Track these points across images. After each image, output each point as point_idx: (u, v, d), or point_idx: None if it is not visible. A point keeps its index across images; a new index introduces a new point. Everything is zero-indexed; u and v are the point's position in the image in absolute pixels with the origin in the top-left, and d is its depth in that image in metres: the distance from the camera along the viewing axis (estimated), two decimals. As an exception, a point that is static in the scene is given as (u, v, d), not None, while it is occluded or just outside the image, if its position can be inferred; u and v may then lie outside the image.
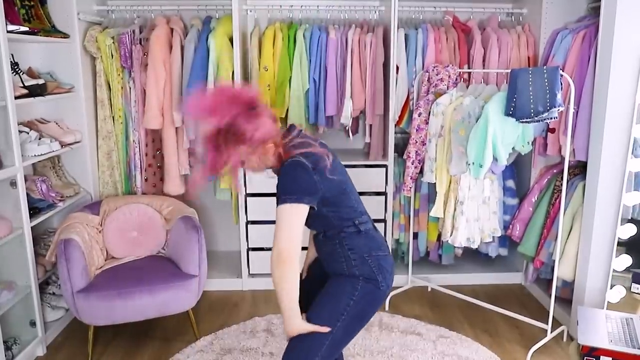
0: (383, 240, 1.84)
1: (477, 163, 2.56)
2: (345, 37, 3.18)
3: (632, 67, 2.42)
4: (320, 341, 1.65)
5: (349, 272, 1.73)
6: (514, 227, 3.10)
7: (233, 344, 2.73)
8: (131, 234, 2.91)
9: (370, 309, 1.75)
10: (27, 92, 2.55)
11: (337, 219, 1.74)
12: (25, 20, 2.65)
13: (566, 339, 2.78)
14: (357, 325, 1.74)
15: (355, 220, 1.76)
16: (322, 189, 1.65)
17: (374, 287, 1.72)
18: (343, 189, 1.75)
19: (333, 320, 1.67)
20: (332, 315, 1.67)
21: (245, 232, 3.31)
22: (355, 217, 1.77)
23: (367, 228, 1.78)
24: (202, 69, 3.06)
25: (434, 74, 3.00)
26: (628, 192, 2.51)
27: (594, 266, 2.60)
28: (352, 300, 1.69)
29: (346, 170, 1.84)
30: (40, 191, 2.72)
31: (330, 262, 1.81)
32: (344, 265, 1.74)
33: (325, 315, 1.68)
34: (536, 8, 3.22)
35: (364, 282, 1.71)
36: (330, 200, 1.70)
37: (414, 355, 2.61)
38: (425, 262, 3.53)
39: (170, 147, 3.21)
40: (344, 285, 1.72)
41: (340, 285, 1.73)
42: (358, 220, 1.76)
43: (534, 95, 2.40)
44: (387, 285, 1.75)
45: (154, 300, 2.53)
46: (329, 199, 1.69)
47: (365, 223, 1.78)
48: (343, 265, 1.74)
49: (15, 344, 2.44)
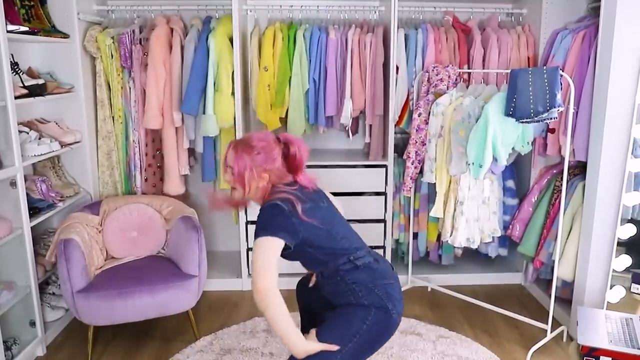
0: (387, 269, 1.86)
1: (477, 163, 2.56)
2: (345, 37, 3.18)
3: (632, 67, 2.42)
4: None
5: (357, 302, 1.74)
6: (513, 227, 3.10)
7: (233, 344, 2.73)
8: (131, 234, 2.91)
9: (382, 337, 1.77)
10: (27, 92, 2.55)
11: (327, 258, 1.78)
12: (25, 20, 2.65)
13: (566, 339, 2.78)
14: (368, 350, 1.75)
15: (350, 256, 1.79)
16: (302, 230, 1.73)
17: (385, 315, 1.73)
18: (327, 231, 1.79)
19: (344, 342, 1.68)
20: (343, 337, 1.69)
21: (245, 232, 3.31)
22: (350, 254, 1.79)
23: (366, 262, 1.80)
24: (202, 69, 3.06)
25: (434, 74, 3.00)
26: (628, 192, 2.51)
27: (594, 266, 2.60)
28: (365, 324, 1.70)
29: (338, 215, 1.92)
30: (40, 191, 2.72)
31: (336, 298, 1.82)
32: (351, 298, 1.76)
33: (336, 336, 1.69)
34: (536, 8, 3.22)
35: (376, 310, 1.72)
36: (314, 242, 1.76)
37: (413, 355, 2.61)
38: (425, 262, 3.53)
39: (170, 147, 3.21)
40: (357, 311, 1.73)
41: (353, 311, 1.74)
42: (353, 256, 1.79)
43: (533, 96, 2.40)
44: (397, 312, 1.76)
45: (153, 300, 2.53)
46: (312, 240, 1.76)
47: (362, 257, 1.80)
48: (350, 298, 1.76)
49: (15, 344, 2.44)
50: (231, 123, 3.13)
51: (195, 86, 3.06)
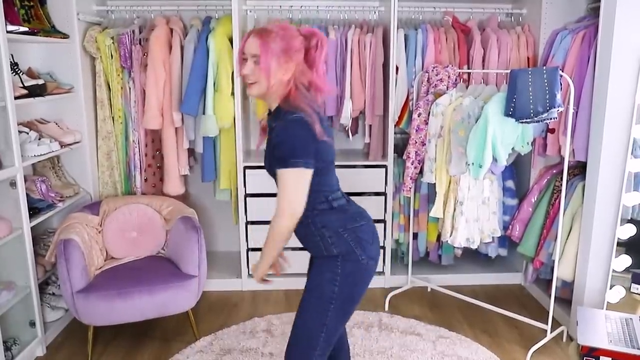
0: (358, 210, 1.77)
1: (477, 163, 2.56)
2: (345, 38, 3.18)
3: (632, 67, 2.42)
4: (316, 335, 1.66)
5: (327, 252, 1.68)
6: (513, 227, 3.10)
7: (233, 344, 2.73)
8: (131, 234, 2.91)
9: (359, 289, 1.70)
10: (27, 92, 2.55)
11: (313, 192, 1.62)
12: (25, 21, 2.65)
13: (566, 339, 2.78)
14: (349, 307, 1.71)
15: (330, 195, 1.70)
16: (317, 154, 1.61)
17: (355, 264, 1.66)
18: (331, 161, 1.71)
19: (323, 313, 1.65)
20: (319, 309, 1.66)
21: (245, 233, 3.31)
22: (330, 193, 1.71)
23: (341, 203, 1.73)
24: (202, 69, 3.06)
25: (434, 75, 3.00)
26: (627, 192, 2.51)
27: (594, 266, 2.60)
28: (335, 286, 1.65)
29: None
30: (40, 191, 2.72)
31: (307, 244, 1.76)
32: (320, 245, 1.69)
33: (312, 314, 1.67)
34: (536, 8, 3.22)
35: (343, 262, 1.66)
36: (319, 169, 1.63)
37: (413, 355, 2.61)
38: (425, 263, 3.53)
39: (170, 148, 3.21)
40: (323, 274, 1.68)
41: (318, 276, 1.69)
42: (332, 196, 1.71)
43: (533, 96, 2.40)
44: (368, 256, 1.68)
45: (153, 301, 2.53)
46: (318, 166, 1.62)
47: (339, 199, 1.73)
48: (320, 245, 1.69)
49: (14, 344, 2.44)
50: (231, 123, 3.13)
51: (195, 86, 3.06)
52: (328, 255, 1.68)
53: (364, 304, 3.13)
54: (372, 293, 3.30)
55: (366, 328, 2.87)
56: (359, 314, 3.01)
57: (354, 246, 1.66)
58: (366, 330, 2.85)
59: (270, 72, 1.60)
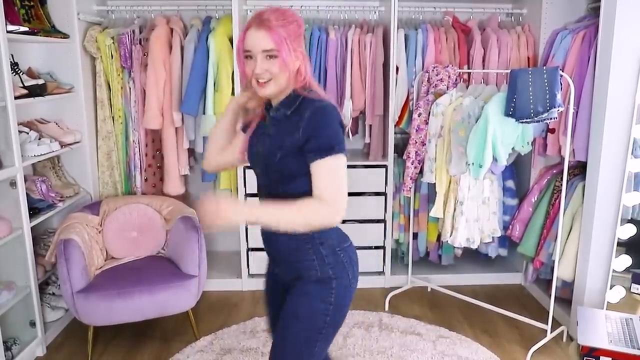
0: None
1: (477, 163, 2.56)
2: (345, 38, 3.18)
3: (632, 67, 2.42)
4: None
5: (321, 274, 1.45)
6: (513, 227, 3.10)
7: (233, 344, 2.73)
8: (131, 234, 2.91)
9: (345, 312, 1.52)
10: (27, 92, 2.55)
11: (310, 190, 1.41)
12: (25, 21, 2.65)
13: (566, 339, 2.78)
14: (336, 332, 1.53)
15: None
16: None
17: (346, 290, 1.48)
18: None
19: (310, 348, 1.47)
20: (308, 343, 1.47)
21: (245, 233, 3.31)
22: None
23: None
24: (202, 69, 3.06)
25: (434, 75, 3.00)
26: (628, 192, 2.51)
27: (594, 266, 2.60)
28: (328, 316, 1.45)
29: None
30: (40, 191, 2.72)
31: (292, 262, 1.50)
32: (314, 264, 1.46)
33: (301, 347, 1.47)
34: (536, 8, 3.22)
35: (336, 286, 1.45)
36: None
37: (413, 355, 2.61)
38: (425, 263, 3.53)
39: (170, 147, 3.21)
40: (314, 303, 1.45)
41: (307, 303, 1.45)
42: None
43: (533, 96, 2.40)
44: (355, 279, 1.52)
45: (153, 301, 2.53)
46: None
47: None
48: (313, 264, 1.46)
49: (15, 344, 2.44)
50: (231, 123, 3.13)
51: (195, 86, 3.06)
52: (321, 277, 1.46)
53: (364, 304, 3.15)
54: (372, 293, 3.30)
55: (366, 328, 2.87)
56: (359, 314, 3.01)
57: (347, 268, 1.49)
58: (366, 330, 2.85)
59: (289, 65, 1.40)
